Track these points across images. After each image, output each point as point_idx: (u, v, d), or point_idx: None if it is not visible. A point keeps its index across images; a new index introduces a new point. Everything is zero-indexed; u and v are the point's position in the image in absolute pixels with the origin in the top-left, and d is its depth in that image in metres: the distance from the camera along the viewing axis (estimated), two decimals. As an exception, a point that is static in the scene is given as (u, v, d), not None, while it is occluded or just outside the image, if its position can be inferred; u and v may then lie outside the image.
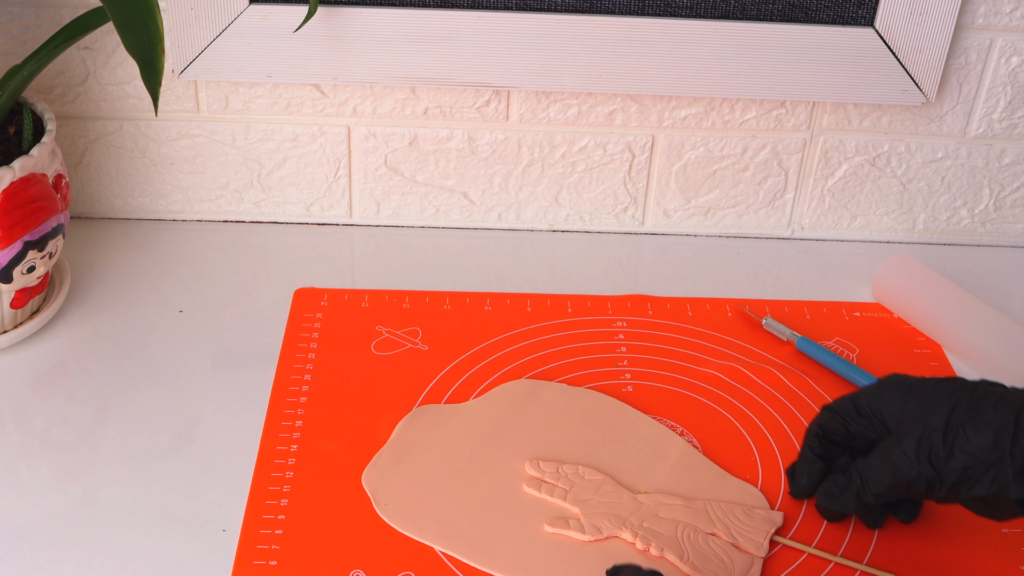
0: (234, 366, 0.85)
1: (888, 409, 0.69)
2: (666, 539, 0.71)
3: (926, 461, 0.65)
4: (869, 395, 0.71)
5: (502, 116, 0.96)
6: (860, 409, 0.71)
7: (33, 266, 0.82)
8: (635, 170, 0.99)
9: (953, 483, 0.65)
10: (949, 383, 0.68)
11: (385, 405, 0.81)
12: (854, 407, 0.71)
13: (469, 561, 0.70)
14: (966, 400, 0.66)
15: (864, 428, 0.71)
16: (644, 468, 0.77)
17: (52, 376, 0.84)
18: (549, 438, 0.79)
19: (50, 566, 0.69)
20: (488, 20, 0.90)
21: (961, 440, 0.65)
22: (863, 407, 0.71)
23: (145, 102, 0.95)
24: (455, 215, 1.02)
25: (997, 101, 0.96)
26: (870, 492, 0.69)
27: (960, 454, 0.64)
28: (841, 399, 0.73)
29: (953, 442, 0.65)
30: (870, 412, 0.70)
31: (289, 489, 0.74)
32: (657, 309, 0.92)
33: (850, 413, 0.71)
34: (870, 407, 0.70)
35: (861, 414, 0.71)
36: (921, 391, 0.68)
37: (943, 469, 0.65)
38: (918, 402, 0.68)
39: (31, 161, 0.80)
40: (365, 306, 0.91)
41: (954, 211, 1.02)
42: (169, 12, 0.88)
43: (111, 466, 0.76)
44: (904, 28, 0.91)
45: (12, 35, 0.91)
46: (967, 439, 0.64)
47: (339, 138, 0.97)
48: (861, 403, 0.71)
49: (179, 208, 1.01)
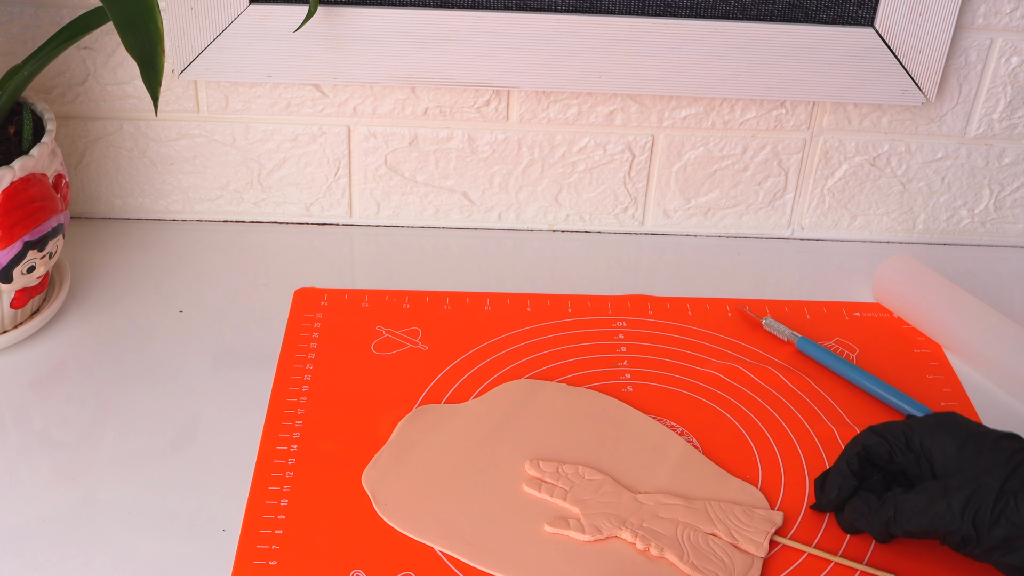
0: (234, 366, 0.85)
1: (940, 452, 0.69)
2: (666, 539, 0.71)
3: (970, 521, 0.65)
4: (923, 431, 0.70)
5: (502, 116, 0.96)
6: (911, 443, 0.70)
7: (33, 266, 0.82)
8: (635, 170, 0.99)
9: (991, 547, 0.65)
10: (1010, 442, 0.67)
11: (385, 405, 0.81)
12: (905, 438, 0.70)
13: (469, 561, 0.70)
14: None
15: (910, 463, 0.70)
16: (644, 468, 0.77)
17: (52, 376, 0.84)
18: (549, 438, 0.79)
19: (50, 566, 0.69)
20: (488, 20, 0.90)
21: (1011, 510, 0.64)
22: (914, 442, 0.70)
23: (145, 102, 0.95)
24: (455, 215, 1.02)
25: (997, 101, 0.96)
26: (901, 527, 0.68)
27: (1006, 523, 0.64)
28: (892, 426, 0.72)
29: (1003, 510, 0.64)
30: (920, 449, 0.70)
31: (289, 489, 0.74)
32: (657, 309, 0.92)
33: (899, 443, 0.70)
34: (921, 444, 0.70)
35: (910, 448, 0.70)
36: (979, 444, 0.68)
37: (985, 533, 0.65)
38: (974, 456, 0.67)
39: (31, 161, 0.80)
40: (365, 306, 0.91)
41: (954, 211, 1.02)
42: (169, 12, 0.88)
43: (111, 466, 0.76)
44: (904, 28, 0.91)
45: (12, 35, 0.91)
46: (1017, 510, 0.64)
47: (339, 138, 0.97)
48: (913, 437, 0.70)
49: (179, 208, 1.01)
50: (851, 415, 0.82)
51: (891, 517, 0.69)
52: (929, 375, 0.87)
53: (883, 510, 0.69)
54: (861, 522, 0.70)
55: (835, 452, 0.79)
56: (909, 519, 0.68)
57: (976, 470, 0.66)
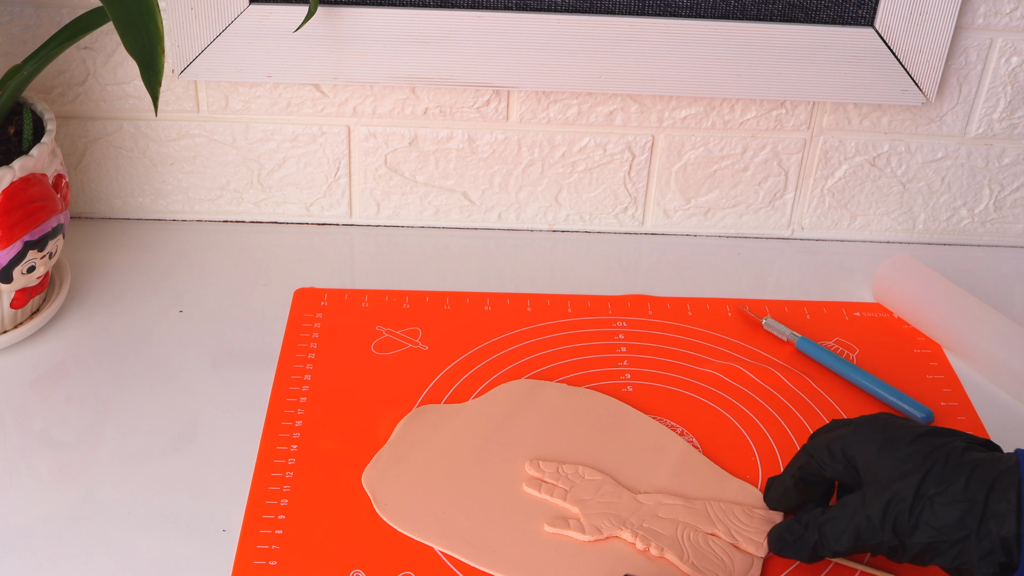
0: (234, 366, 0.85)
1: (861, 458, 0.67)
2: (666, 539, 0.71)
3: (890, 530, 0.63)
4: (844, 439, 0.68)
5: (502, 116, 0.96)
6: (834, 455, 0.68)
7: (33, 266, 0.82)
8: (635, 170, 0.99)
9: (916, 554, 0.63)
10: (926, 443, 0.65)
11: (385, 405, 0.81)
12: (828, 451, 0.68)
13: (469, 561, 0.70)
14: (939, 470, 0.63)
15: (839, 474, 0.68)
16: (644, 468, 0.77)
17: (52, 376, 0.84)
18: (549, 438, 0.79)
19: (50, 566, 0.69)
20: (488, 20, 0.90)
21: (927, 515, 0.62)
22: (836, 453, 0.68)
23: (145, 102, 0.95)
24: (455, 215, 1.02)
25: (997, 101, 0.96)
26: (829, 549, 0.66)
27: (926, 528, 0.62)
28: (819, 439, 0.69)
29: (919, 515, 0.63)
30: (844, 458, 0.68)
31: (289, 489, 0.74)
32: (657, 309, 0.92)
33: (824, 459, 0.68)
34: (844, 453, 0.68)
35: (835, 459, 0.68)
36: (895, 449, 0.65)
37: (907, 540, 0.63)
38: (891, 461, 0.65)
39: (31, 161, 0.80)
40: (365, 306, 0.91)
41: (954, 211, 1.02)
42: (169, 12, 0.88)
43: (111, 466, 0.76)
44: (904, 28, 0.91)
45: (12, 35, 0.91)
46: (933, 514, 0.62)
47: (339, 138, 0.97)
48: (835, 448, 0.68)
49: (179, 208, 1.01)
50: (851, 415, 0.82)
51: (817, 541, 0.67)
52: (929, 375, 0.87)
53: (807, 536, 0.67)
54: (787, 553, 0.68)
55: (835, 452, 0.79)
56: (835, 539, 0.66)
57: (893, 475, 0.64)
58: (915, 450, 0.65)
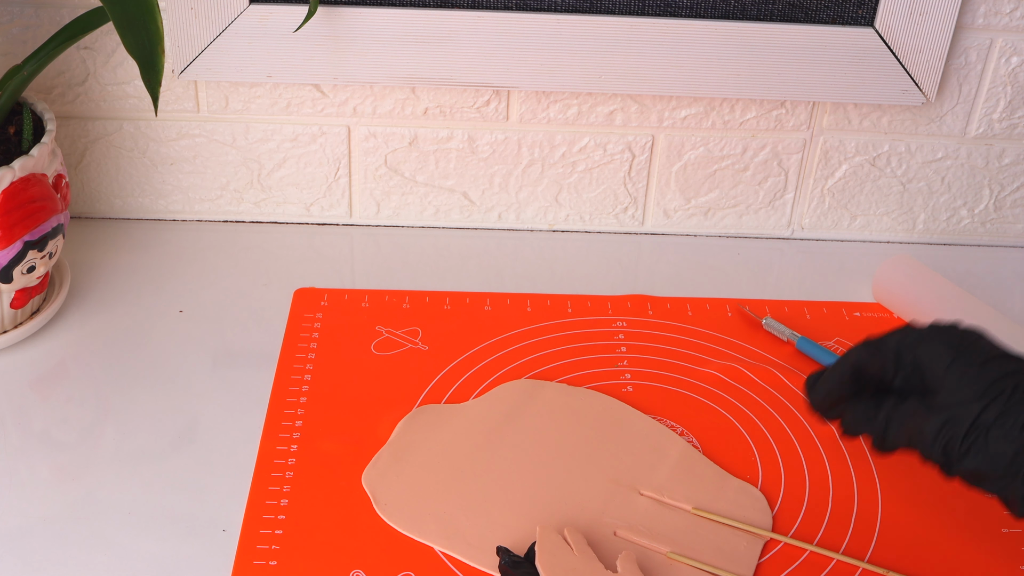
0: (234, 366, 0.85)
1: (930, 367, 0.65)
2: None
3: (940, 450, 0.63)
4: (915, 344, 0.66)
5: (502, 116, 0.96)
6: (902, 359, 0.66)
7: (33, 266, 0.82)
8: (635, 170, 0.99)
9: (962, 476, 0.63)
10: (995, 368, 0.63)
11: (385, 405, 0.81)
12: (895, 355, 0.66)
13: (469, 561, 0.70)
14: (1002, 401, 0.61)
15: (901, 379, 0.66)
16: (644, 468, 0.77)
17: (52, 376, 0.84)
18: (549, 438, 0.79)
19: (50, 566, 0.69)
20: (488, 20, 0.90)
21: (980, 444, 0.61)
22: (905, 358, 0.66)
23: (145, 102, 0.95)
24: (455, 215, 1.02)
25: (997, 101, 0.96)
26: (889, 444, 0.66)
27: (977, 456, 0.62)
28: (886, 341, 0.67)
29: (973, 442, 0.62)
30: (912, 364, 0.66)
31: (289, 489, 0.74)
32: (657, 309, 0.92)
33: (890, 360, 0.66)
34: (914, 359, 0.66)
35: (901, 364, 0.66)
36: (966, 366, 0.63)
37: (955, 464, 0.63)
38: (958, 380, 0.63)
39: (31, 161, 0.80)
40: (365, 306, 0.91)
41: (954, 211, 1.02)
42: (169, 12, 0.88)
43: (111, 466, 0.76)
44: (904, 28, 0.91)
45: (12, 35, 0.91)
46: (987, 445, 0.61)
47: (339, 138, 0.97)
48: (904, 353, 0.66)
49: (179, 208, 1.01)
50: (851, 415, 0.82)
51: (883, 431, 0.66)
52: (929, 375, 0.87)
53: (878, 420, 0.66)
54: (863, 427, 0.67)
55: (835, 452, 0.79)
56: (894, 436, 0.65)
57: (956, 395, 0.63)
58: (983, 373, 0.63)
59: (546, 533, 0.69)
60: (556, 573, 0.66)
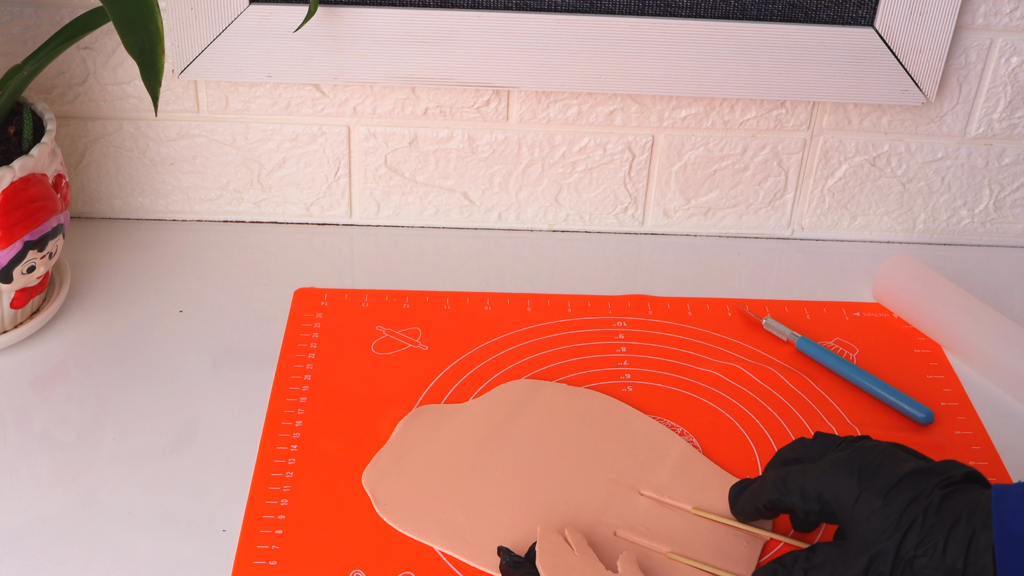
0: (234, 366, 0.85)
1: (838, 505, 0.65)
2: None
3: None
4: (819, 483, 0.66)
5: (502, 116, 0.96)
6: (808, 498, 0.66)
7: (33, 266, 0.82)
8: (635, 170, 0.99)
9: None
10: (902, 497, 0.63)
11: (385, 405, 0.81)
12: (802, 495, 0.66)
13: (469, 561, 0.70)
14: (917, 530, 0.62)
15: (815, 515, 0.67)
16: (644, 468, 0.77)
17: (52, 376, 0.84)
18: (549, 438, 0.79)
19: (50, 566, 0.69)
20: (488, 20, 0.90)
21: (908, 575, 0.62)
22: (811, 496, 0.66)
23: (145, 102, 0.95)
24: (455, 215, 1.02)
25: (997, 101, 0.96)
26: None
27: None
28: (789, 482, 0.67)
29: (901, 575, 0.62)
30: (819, 502, 0.66)
31: (289, 489, 0.74)
32: (657, 309, 0.92)
33: (796, 501, 0.67)
34: (819, 497, 0.66)
35: (808, 502, 0.66)
36: (872, 502, 0.64)
37: None
38: (869, 515, 0.63)
39: (31, 161, 0.80)
40: (365, 306, 0.91)
41: (954, 211, 1.02)
42: (169, 12, 0.88)
43: (111, 466, 0.76)
44: (904, 28, 0.91)
45: (12, 35, 0.91)
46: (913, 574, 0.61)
47: (339, 138, 0.97)
48: (809, 491, 0.66)
49: (179, 208, 1.01)
50: (851, 415, 0.82)
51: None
52: (929, 375, 0.87)
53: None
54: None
55: (835, 452, 0.79)
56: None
57: (873, 531, 0.63)
58: (890, 506, 0.63)
59: (547, 533, 0.69)
60: (557, 573, 0.66)
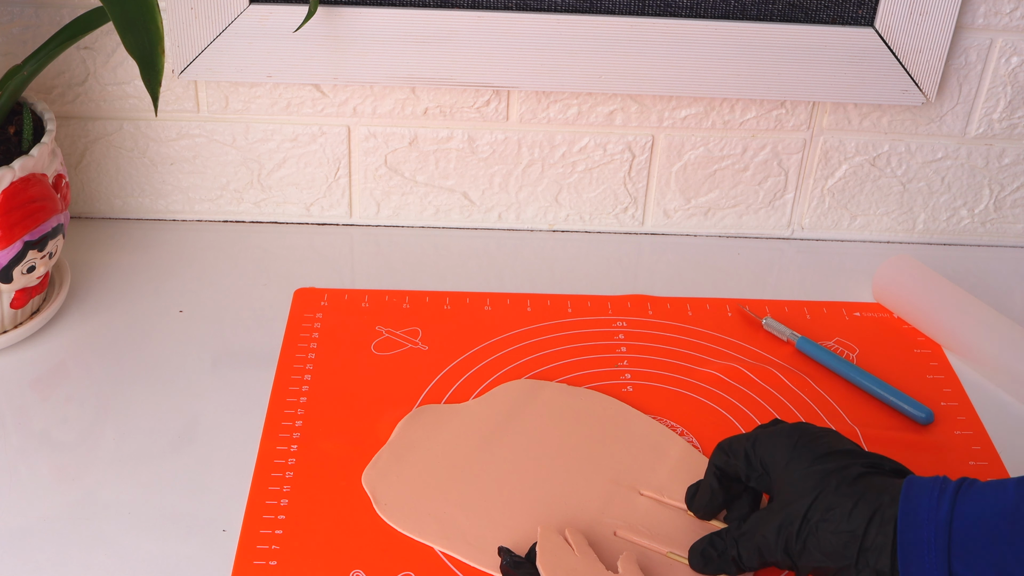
0: (234, 366, 0.85)
1: (773, 469, 0.66)
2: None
3: (782, 550, 0.64)
4: (760, 446, 0.67)
5: (502, 116, 0.96)
6: (750, 460, 0.68)
7: (33, 266, 0.82)
8: (635, 170, 0.99)
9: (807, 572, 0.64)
10: (823, 465, 0.64)
11: (385, 405, 0.81)
12: (745, 455, 0.68)
13: (469, 561, 0.70)
14: (828, 496, 0.63)
15: (755, 479, 0.68)
16: (644, 468, 0.77)
17: (52, 376, 0.84)
18: (549, 438, 0.79)
19: (50, 566, 0.69)
20: (488, 20, 0.90)
21: (812, 540, 0.62)
22: (754, 459, 0.67)
23: (145, 102, 0.95)
24: (455, 215, 1.02)
25: (997, 101, 0.96)
26: (745, 564, 0.66)
27: (812, 552, 0.62)
28: (737, 441, 0.69)
29: (806, 539, 0.63)
30: (760, 466, 0.67)
31: (289, 489, 0.74)
32: (657, 309, 0.92)
33: (740, 463, 0.68)
34: (761, 461, 0.67)
35: (751, 465, 0.68)
36: (798, 467, 0.65)
37: (797, 561, 0.63)
38: (792, 479, 0.65)
39: (31, 161, 0.80)
40: (365, 306, 0.91)
41: (954, 211, 1.02)
42: (169, 12, 0.88)
43: (111, 466, 0.76)
44: (904, 28, 0.91)
45: (12, 35, 0.91)
46: (818, 540, 0.62)
47: (339, 138, 0.97)
48: (752, 453, 0.68)
49: (179, 208, 1.01)
50: (851, 415, 0.82)
51: (736, 556, 0.66)
52: (929, 375, 0.87)
53: (728, 551, 0.66)
54: (711, 568, 0.67)
55: (835, 452, 0.79)
56: (747, 556, 0.66)
57: (791, 494, 0.64)
58: (812, 471, 0.64)
59: (547, 533, 0.69)
60: (557, 573, 0.66)
